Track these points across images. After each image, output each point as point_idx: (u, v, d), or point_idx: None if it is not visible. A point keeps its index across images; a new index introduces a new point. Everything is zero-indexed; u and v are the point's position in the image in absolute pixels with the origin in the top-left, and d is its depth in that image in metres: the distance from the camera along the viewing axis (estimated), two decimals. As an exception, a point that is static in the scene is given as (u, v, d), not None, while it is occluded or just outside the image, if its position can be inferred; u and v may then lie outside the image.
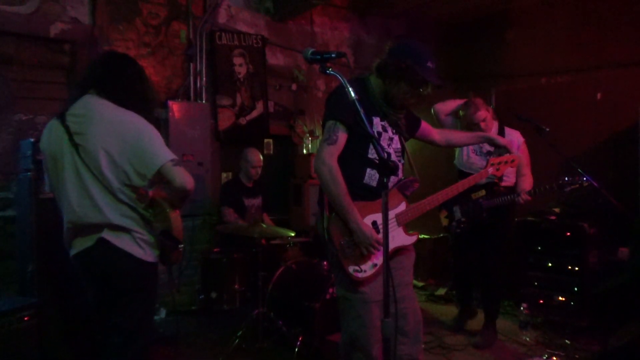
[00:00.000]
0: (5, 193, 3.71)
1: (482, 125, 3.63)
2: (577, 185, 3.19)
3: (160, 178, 2.15)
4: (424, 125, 2.64)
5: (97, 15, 4.19)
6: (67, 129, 2.12)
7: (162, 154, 2.12)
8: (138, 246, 2.15)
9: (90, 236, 2.13)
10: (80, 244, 2.17)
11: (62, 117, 2.15)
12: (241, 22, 5.17)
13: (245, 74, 5.06)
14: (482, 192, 3.63)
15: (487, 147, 3.72)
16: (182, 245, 2.27)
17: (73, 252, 2.21)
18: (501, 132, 3.72)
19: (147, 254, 2.18)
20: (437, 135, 2.70)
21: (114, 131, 2.09)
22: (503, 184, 3.66)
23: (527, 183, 3.62)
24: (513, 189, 3.68)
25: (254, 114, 5.13)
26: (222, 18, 5.02)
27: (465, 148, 3.85)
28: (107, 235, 2.11)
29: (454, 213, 3.79)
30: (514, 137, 3.71)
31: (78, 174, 2.10)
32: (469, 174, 3.26)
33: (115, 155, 2.08)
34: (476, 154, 3.81)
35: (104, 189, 2.09)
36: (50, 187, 2.28)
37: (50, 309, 3.02)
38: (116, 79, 2.21)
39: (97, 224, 2.11)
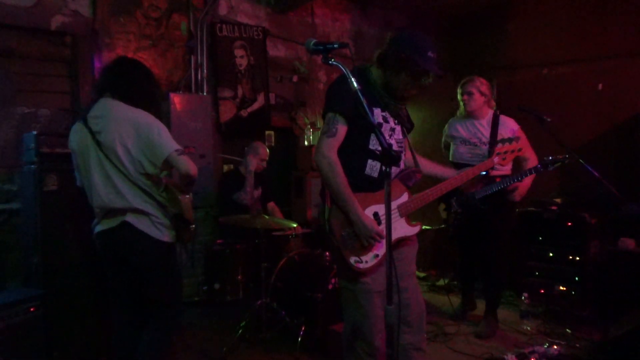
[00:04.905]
0: (9, 186, 3.73)
1: (477, 113, 3.77)
2: (559, 163, 3.17)
3: (169, 166, 2.48)
4: None
5: (98, 8, 4.18)
6: (89, 130, 2.46)
7: (168, 145, 2.44)
8: (155, 228, 2.49)
9: (115, 218, 2.48)
10: (107, 224, 2.51)
11: (84, 120, 2.49)
12: (242, 13, 5.15)
13: (247, 65, 5.06)
14: None
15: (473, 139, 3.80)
16: (193, 226, 2.64)
17: (98, 229, 2.55)
18: (495, 120, 3.74)
19: (164, 235, 2.52)
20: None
21: (129, 127, 2.42)
22: (498, 172, 3.62)
23: (533, 164, 3.50)
24: (508, 177, 3.66)
25: (255, 106, 5.14)
26: (222, 10, 5.01)
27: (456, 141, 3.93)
28: (130, 218, 2.45)
29: (451, 205, 3.82)
30: (509, 125, 3.73)
31: (102, 167, 2.44)
32: (463, 165, 3.23)
33: (130, 148, 2.42)
34: (465, 145, 3.87)
35: (125, 178, 2.43)
36: (80, 180, 2.61)
37: (56, 300, 3.05)
38: (127, 81, 2.53)
39: (121, 208, 2.45)
